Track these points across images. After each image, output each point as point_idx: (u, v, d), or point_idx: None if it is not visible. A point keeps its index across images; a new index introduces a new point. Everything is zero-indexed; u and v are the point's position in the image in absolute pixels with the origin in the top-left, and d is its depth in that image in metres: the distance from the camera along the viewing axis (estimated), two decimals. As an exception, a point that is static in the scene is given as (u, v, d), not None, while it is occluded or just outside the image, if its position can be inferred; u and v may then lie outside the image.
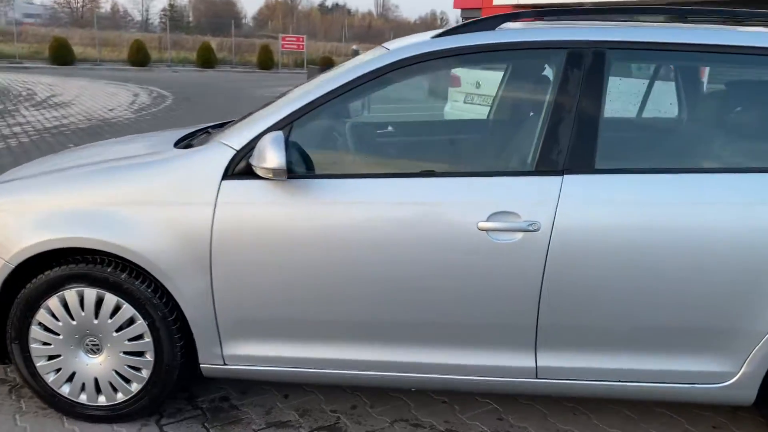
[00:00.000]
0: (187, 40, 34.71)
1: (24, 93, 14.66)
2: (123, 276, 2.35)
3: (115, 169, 2.44)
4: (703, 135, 2.64)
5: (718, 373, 2.30)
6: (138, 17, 69.56)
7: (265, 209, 2.28)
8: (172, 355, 2.43)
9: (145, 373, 2.46)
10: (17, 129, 9.60)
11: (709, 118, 2.84)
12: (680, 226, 2.17)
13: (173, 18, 60.91)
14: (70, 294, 2.39)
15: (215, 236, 2.28)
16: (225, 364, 2.45)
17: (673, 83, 2.93)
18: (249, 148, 2.29)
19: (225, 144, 2.36)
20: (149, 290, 2.36)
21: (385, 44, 2.65)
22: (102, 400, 2.51)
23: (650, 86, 2.86)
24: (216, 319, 2.37)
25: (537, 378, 2.36)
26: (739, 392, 2.32)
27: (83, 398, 2.51)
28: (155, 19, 65.85)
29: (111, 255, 2.37)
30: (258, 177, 2.25)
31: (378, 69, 2.32)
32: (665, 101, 2.87)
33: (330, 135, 2.58)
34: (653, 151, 2.39)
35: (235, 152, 2.32)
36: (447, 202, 2.24)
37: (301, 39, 28.76)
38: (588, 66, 2.26)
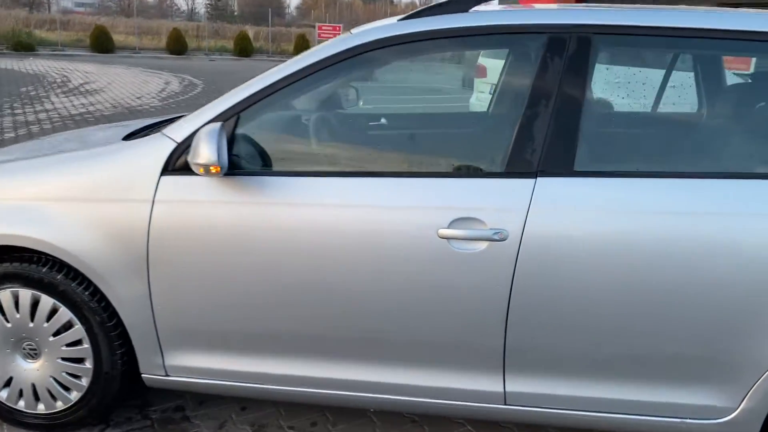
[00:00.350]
0: (228, 29, 34.94)
1: (59, 80, 14.83)
2: (58, 277, 2.18)
3: (49, 162, 2.26)
4: (709, 134, 2.31)
5: (715, 407, 2.00)
6: (184, 6, 70.55)
7: (206, 208, 2.06)
8: (112, 364, 2.25)
9: (85, 382, 2.29)
10: (42, 116, 9.65)
11: (721, 115, 2.52)
12: (673, 238, 1.87)
13: (218, 8, 61.58)
14: (5, 294, 2.23)
15: (152, 236, 2.09)
16: (167, 375, 2.26)
17: (674, 74, 2.59)
18: (190, 141, 2.09)
19: (167, 136, 2.16)
20: (86, 293, 2.18)
21: (354, 29, 2.41)
22: (41, 408, 2.35)
23: (651, 78, 2.53)
24: (155, 326, 2.18)
25: (506, 404, 2.10)
26: (739, 430, 2.02)
27: (21, 405, 2.35)
28: (201, 8, 66.60)
29: (45, 254, 2.20)
30: None
31: (335, 55, 2.08)
32: (665, 95, 2.55)
33: (284, 127, 2.35)
34: (644, 152, 2.09)
35: (176, 145, 2.11)
36: (405, 206, 1.98)
37: (337, 28, 28.50)
38: (570, 53, 1.97)
